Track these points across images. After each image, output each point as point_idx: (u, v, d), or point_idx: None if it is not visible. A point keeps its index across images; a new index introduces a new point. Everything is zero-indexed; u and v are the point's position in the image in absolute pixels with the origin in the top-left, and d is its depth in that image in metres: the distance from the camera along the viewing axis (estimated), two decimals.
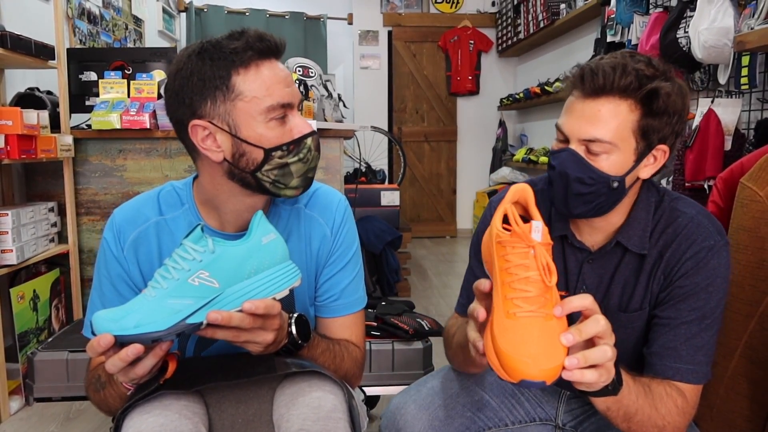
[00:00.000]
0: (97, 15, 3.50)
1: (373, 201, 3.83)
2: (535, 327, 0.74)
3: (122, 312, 0.82)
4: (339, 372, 1.09)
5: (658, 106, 0.94)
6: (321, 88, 3.09)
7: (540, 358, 0.73)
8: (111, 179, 2.57)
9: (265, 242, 0.90)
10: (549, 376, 0.73)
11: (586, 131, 0.95)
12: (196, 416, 0.94)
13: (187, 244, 0.86)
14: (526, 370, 0.72)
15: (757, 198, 1.33)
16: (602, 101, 0.95)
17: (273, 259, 0.90)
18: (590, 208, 1.00)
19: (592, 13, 3.66)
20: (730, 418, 1.40)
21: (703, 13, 2.12)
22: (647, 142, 0.97)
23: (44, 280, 2.45)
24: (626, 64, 0.94)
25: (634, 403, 0.91)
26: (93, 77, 2.65)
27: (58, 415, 2.16)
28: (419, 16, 5.85)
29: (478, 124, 6.00)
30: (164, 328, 0.81)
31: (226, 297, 0.86)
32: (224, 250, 0.87)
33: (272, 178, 0.97)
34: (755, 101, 2.18)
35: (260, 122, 0.94)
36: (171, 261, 0.86)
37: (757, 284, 1.34)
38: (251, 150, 0.95)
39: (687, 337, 0.98)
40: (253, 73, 0.93)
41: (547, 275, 0.75)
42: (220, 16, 5.29)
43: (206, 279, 0.85)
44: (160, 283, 0.84)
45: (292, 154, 0.96)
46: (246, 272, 0.88)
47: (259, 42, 0.93)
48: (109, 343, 0.79)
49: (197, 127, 0.95)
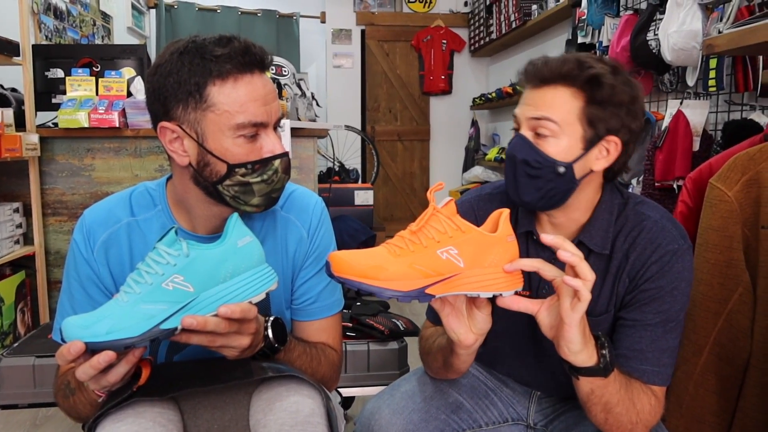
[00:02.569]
0: (63, 10, 3.42)
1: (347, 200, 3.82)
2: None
3: (93, 318, 0.80)
4: (316, 375, 1.08)
5: (601, 95, 0.96)
6: (294, 86, 3.07)
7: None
8: (79, 179, 2.51)
9: (240, 245, 0.88)
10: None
11: (535, 111, 0.99)
12: (170, 423, 0.92)
13: (161, 247, 0.84)
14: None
15: (725, 198, 1.35)
16: (548, 88, 0.99)
17: (249, 263, 0.89)
18: (540, 195, 1.01)
19: (564, 15, 3.70)
20: (699, 413, 1.43)
21: (672, 16, 2.16)
22: (594, 131, 0.99)
23: (9, 283, 2.38)
24: (568, 56, 0.99)
25: (617, 392, 0.92)
26: (60, 74, 2.58)
27: (24, 423, 2.10)
28: (392, 15, 5.84)
29: (450, 124, 6.02)
30: (137, 334, 0.79)
31: (201, 301, 0.84)
32: (199, 254, 0.85)
33: (232, 193, 0.95)
34: (722, 103, 2.23)
35: (228, 137, 0.92)
36: (144, 265, 0.84)
37: (726, 282, 1.37)
38: (215, 162, 0.93)
39: (652, 339, 0.99)
40: (230, 87, 0.91)
41: (413, 226, 0.85)
42: (191, 13, 5.21)
43: (181, 283, 0.83)
44: (133, 287, 0.82)
45: (256, 174, 0.94)
46: (221, 276, 0.86)
47: (242, 56, 0.91)
48: (80, 351, 0.77)
49: (166, 129, 0.94)
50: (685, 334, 1.46)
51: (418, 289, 0.80)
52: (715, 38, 1.40)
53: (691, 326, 1.44)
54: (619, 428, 0.96)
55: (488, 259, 0.84)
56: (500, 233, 0.86)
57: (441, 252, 0.82)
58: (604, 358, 0.89)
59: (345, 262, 0.79)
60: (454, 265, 0.82)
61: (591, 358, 0.89)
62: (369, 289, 0.79)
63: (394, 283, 0.79)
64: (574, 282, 0.81)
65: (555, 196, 1.01)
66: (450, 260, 0.82)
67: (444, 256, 0.82)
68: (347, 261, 0.79)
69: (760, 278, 1.34)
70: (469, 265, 0.83)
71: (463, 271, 0.83)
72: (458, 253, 0.82)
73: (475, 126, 5.79)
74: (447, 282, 0.82)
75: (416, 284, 0.80)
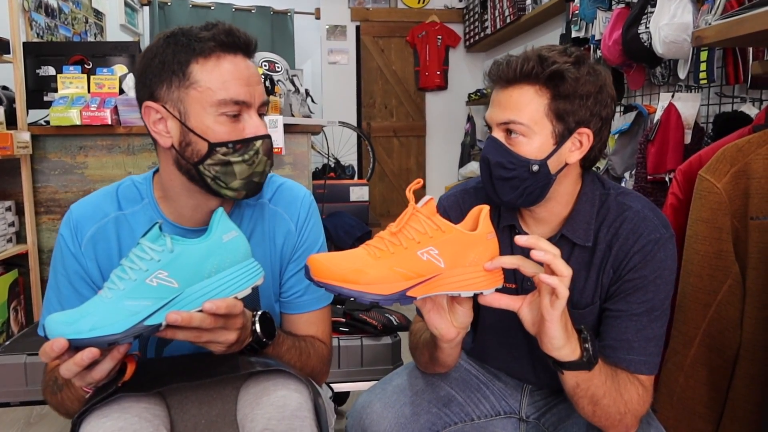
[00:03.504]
0: (55, 8, 3.41)
1: (342, 196, 3.81)
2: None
3: (77, 314, 0.79)
4: (305, 369, 1.08)
5: (566, 89, 0.97)
6: (287, 83, 3.06)
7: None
8: (71, 177, 2.51)
9: (226, 240, 0.88)
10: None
11: (502, 115, 0.99)
12: (157, 419, 0.92)
13: (145, 243, 0.84)
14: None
15: (714, 190, 1.36)
16: (514, 88, 0.99)
17: (234, 258, 0.88)
18: (518, 194, 1.01)
19: (558, 9, 3.71)
20: (690, 405, 1.43)
21: (663, 9, 2.16)
22: (564, 125, 0.99)
23: (2, 282, 2.37)
24: (532, 54, 0.98)
25: (603, 384, 0.93)
26: (51, 72, 2.57)
27: (18, 421, 2.10)
28: (387, 11, 5.83)
29: (446, 119, 6.02)
30: (121, 331, 0.79)
31: (186, 297, 0.84)
32: (183, 249, 0.84)
33: (213, 174, 0.95)
34: (713, 95, 2.24)
35: (210, 114, 0.93)
36: (128, 261, 0.84)
37: (715, 274, 1.37)
38: (197, 141, 0.94)
39: (638, 328, 1.00)
40: (212, 65, 0.92)
41: (393, 227, 0.84)
42: (185, 9, 5.19)
43: (165, 279, 0.82)
44: (117, 284, 0.82)
45: (237, 154, 0.94)
46: (206, 271, 0.86)
47: (225, 36, 0.93)
48: (63, 348, 0.76)
49: (150, 109, 0.95)
50: (675, 326, 1.46)
51: (399, 292, 0.80)
52: (703, 30, 1.40)
53: (681, 318, 1.44)
54: (607, 419, 0.96)
55: (469, 258, 0.84)
56: (480, 231, 0.86)
57: (421, 253, 0.81)
58: (587, 351, 0.90)
59: (324, 266, 0.79)
60: (435, 266, 0.82)
61: (574, 352, 0.89)
62: (349, 294, 0.78)
63: (375, 287, 0.79)
64: (550, 279, 0.81)
65: (533, 193, 1.02)
66: (431, 261, 0.82)
67: (425, 257, 0.81)
68: (327, 265, 0.79)
69: (749, 269, 1.34)
70: (450, 264, 0.83)
71: (444, 272, 0.83)
72: (438, 254, 0.82)
73: (470, 121, 5.78)
74: (428, 283, 0.82)
75: (397, 287, 0.80)
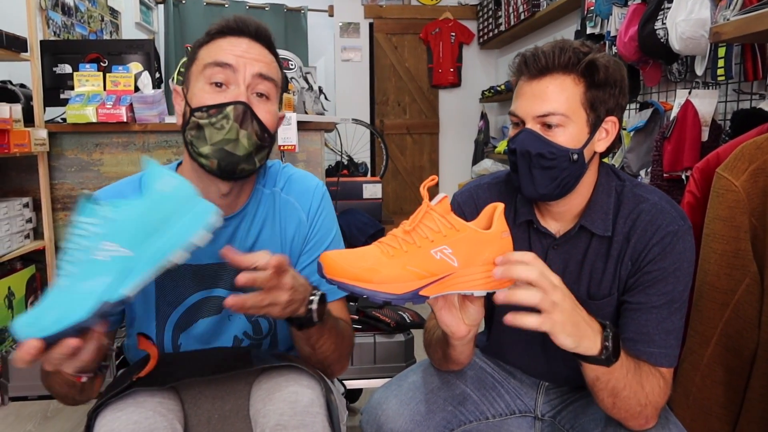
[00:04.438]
0: (71, 6, 3.44)
1: (356, 194, 3.81)
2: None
3: (39, 311, 0.75)
4: (337, 351, 1.07)
5: (599, 77, 0.98)
6: (301, 80, 3.06)
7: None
8: (87, 174, 2.53)
9: (162, 189, 0.82)
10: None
11: (540, 107, 0.99)
12: (171, 413, 0.93)
13: (79, 219, 0.78)
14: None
15: (732, 188, 1.34)
16: (548, 79, 0.99)
17: (178, 204, 0.82)
18: (556, 185, 1.01)
19: (572, 5, 3.67)
20: (707, 405, 1.42)
21: (680, 4, 2.13)
22: (596, 114, 1.00)
23: (19, 277, 2.41)
24: (563, 45, 0.99)
25: (623, 378, 0.92)
26: (67, 70, 2.60)
27: (35, 414, 2.13)
28: (400, 8, 5.82)
29: (460, 117, 6.00)
30: (85, 315, 0.74)
31: (141, 261, 0.78)
32: (121, 213, 0.79)
33: (189, 139, 0.98)
34: (731, 92, 2.20)
35: (200, 81, 0.98)
36: (70, 244, 0.78)
37: (733, 273, 1.35)
38: (185, 108, 0.99)
39: (658, 321, 0.99)
40: (214, 43, 0.99)
41: (406, 225, 0.83)
42: (199, 7, 5.22)
43: (114, 249, 0.77)
44: (68, 269, 0.77)
45: (207, 118, 0.96)
46: (153, 227, 0.79)
47: (234, 22, 0.99)
48: (37, 349, 0.72)
49: (176, 92, 1.03)
50: (692, 325, 1.44)
51: (412, 291, 0.80)
52: (721, 26, 1.38)
53: (698, 317, 1.43)
54: (627, 411, 0.95)
55: (482, 256, 0.83)
56: (494, 230, 0.85)
57: (435, 252, 0.81)
58: (606, 350, 0.88)
59: (337, 264, 0.79)
60: (448, 265, 0.81)
61: (592, 348, 0.88)
62: (362, 293, 0.78)
63: (388, 286, 0.78)
64: (527, 298, 0.81)
65: (569, 183, 1.02)
66: (444, 260, 0.81)
67: (438, 255, 0.81)
68: (339, 264, 0.79)
69: (767, 268, 1.32)
70: (464, 264, 0.82)
71: (457, 270, 0.82)
72: (452, 252, 0.81)
73: (484, 119, 5.76)
74: (441, 282, 0.81)
75: (410, 286, 0.79)
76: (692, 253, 1.02)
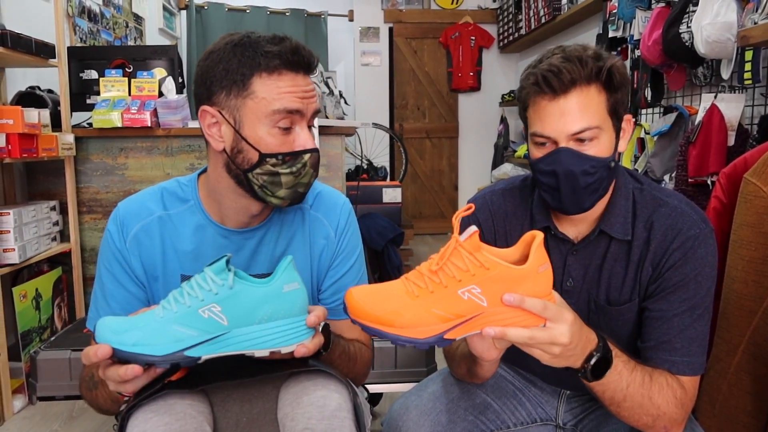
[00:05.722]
0: (97, 13, 3.50)
1: (375, 198, 3.82)
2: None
3: (126, 325, 0.81)
4: (350, 375, 1.09)
5: (617, 81, 0.97)
6: (322, 85, 3.09)
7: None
8: (112, 177, 2.57)
9: (286, 290, 0.87)
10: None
11: (573, 125, 0.95)
12: (200, 415, 0.94)
13: (208, 272, 0.84)
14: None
15: (760, 194, 1.32)
16: (573, 94, 0.95)
17: (290, 310, 0.87)
18: (597, 196, 1.01)
19: (594, 9, 3.65)
20: (733, 413, 1.40)
21: (706, 7, 2.11)
22: (617, 116, 0.99)
23: (46, 279, 2.45)
24: (579, 56, 0.95)
25: (622, 391, 0.91)
26: (94, 75, 2.65)
27: (61, 414, 2.16)
28: (420, 13, 5.83)
29: (479, 121, 5.98)
30: (161, 354, 0.80)
31: (231, 337, 0.84)
32: (242, 289, 0.84)
33: (261, 182, 0.97)
34: (759, 96, 2.17)
35: (264, 125, 0.95)
36: (188, 286, 0.84)
37: (761, 280, 1.33)
38: (248, 150, 0.96)
39: (680, 329, 0.98)
40: (274, 79, 0.94)
41: (434, 262, 0.79)
42: (221, 13, 5.28)
43: (217, 314, 0.82)
44: (172, 305, 0.83)
45: (285, 165, 0.96)
46: (259, 317, 0.85)
47: (291, 54, 0.95)
48: (106, 355, 0.80)
49: (206, 113, 0.98)
50: (719, 333, 1.42)
51: (435, 335, 0.77)
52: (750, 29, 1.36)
53: (725, 325, 1.41)
54: (637, 422, 0.95)
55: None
56: (530, 265, 0.78)
57: (462, 292, 0.77)
58: (584, 370, 0.88)
59: (360, 306, 0.77)
60: (477, 305, 0.77)
61: (573, 364, 0.87)
62: (385, 336, 0.77)
63: (411, 330, 0.76)
64: (516, 335, 0.79)
65: (605, 191, 1.02)
66: (472, 300, 0.77)
67: (465, 296, 0.77)
68: (362, 306, 0.77)
69: None
70: (493, 303, 0.77)
71: (486, 310, 0.78)
72: (481, 292, 0.77)
73: (504, 123, 5.74)
74: (468, 323, 0.78)
75: (434, 330, 0.77)
76: (714, 257, 0.99)
